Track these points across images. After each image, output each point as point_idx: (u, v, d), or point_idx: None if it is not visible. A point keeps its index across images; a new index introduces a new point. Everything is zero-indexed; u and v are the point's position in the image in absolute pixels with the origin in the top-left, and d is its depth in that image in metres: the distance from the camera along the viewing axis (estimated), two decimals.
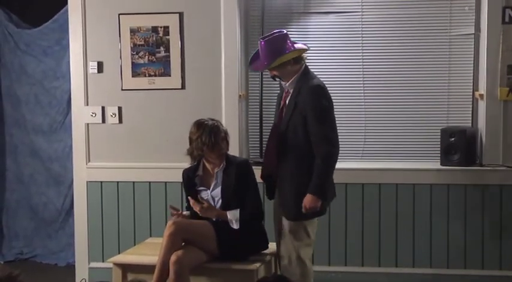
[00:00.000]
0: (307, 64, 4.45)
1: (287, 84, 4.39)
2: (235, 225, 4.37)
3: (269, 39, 4.38)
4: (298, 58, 4.38)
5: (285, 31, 4.48)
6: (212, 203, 4.48)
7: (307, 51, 4.51)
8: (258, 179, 5.43)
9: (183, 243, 4.33)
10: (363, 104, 5.59)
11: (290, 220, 4.34)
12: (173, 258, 4.21)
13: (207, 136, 4.38)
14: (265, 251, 4.56)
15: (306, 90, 4.29)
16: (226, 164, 4.48)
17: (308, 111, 4.24)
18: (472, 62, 5.44)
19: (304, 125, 4.25)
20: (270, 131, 4.52)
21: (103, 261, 5.57)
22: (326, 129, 4.23)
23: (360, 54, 5.57)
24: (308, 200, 4.21)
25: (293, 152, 4.30)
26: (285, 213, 4.36)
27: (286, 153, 4.32)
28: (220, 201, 4.46)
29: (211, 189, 4.50)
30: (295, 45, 4.42)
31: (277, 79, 4.47)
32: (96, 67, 5.67)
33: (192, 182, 4.54)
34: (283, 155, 4.33)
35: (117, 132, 5.71)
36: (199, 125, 4.46)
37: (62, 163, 6.24)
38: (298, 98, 4.30)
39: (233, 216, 4.38)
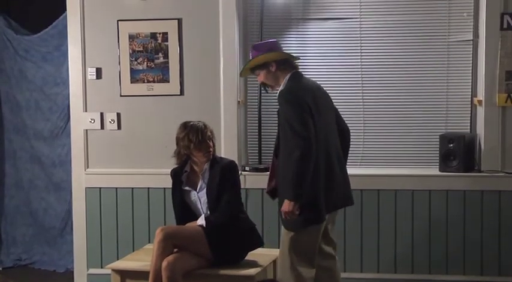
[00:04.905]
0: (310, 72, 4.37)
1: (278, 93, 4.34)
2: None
3: (256, 44, 4.47)
4: (283, 64, 4.30)
5: (276, 40, 4.50)
6: (199, 204, 4.50)
7: (303, 60, 4.47)
8: (255, 185, 5.44)
9: (176, 250, 4.34)
10: (361, 109, 5.59)
11: (285, 228, 4.27)
12: (164, 264, 4.21)
13: (193, 134, 4.43)
14: (264, 254, 4.58)
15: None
16: (212, 164, 4.49)
17: (281, 119, 4.18)
18: (471, 68, 5.45)
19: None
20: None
21: (102, 268, 5.57)
22: (295, 133, 4.06)
23: (359, 60, 5.58)
24: (284, 205, 4.12)
25: (284, 160, 4.20)
26: (281, 221, 4.30)
27: (280, 163, 4.24)
28: (206, 202, 4.48)
29: (197, 190, 4.52)
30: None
31: (268, 89, 4.45)
32: (94, 73, 5.67)
33: (179, 178, 4.55)
34: (279, 165, 4.26)
35: (115, 138, 5.71)
36: (186, 125, 4.52)
37: (65, 168, 6.22)
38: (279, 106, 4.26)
39: (201, 221, 4.42)
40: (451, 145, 5.27)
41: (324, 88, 4.35)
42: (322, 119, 4.21)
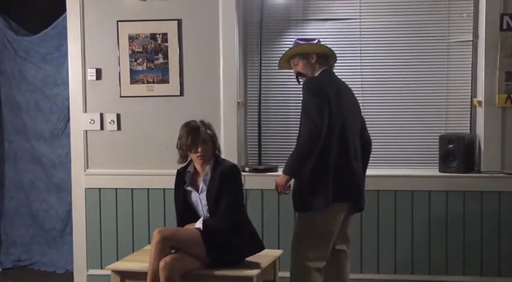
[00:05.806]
0: None
1: None
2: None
3: (300, 37, 4.65)
4: (323, 58, 4.42)
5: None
6: (200, 206, 4.49)
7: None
8: (255, 186, 5.43)
9: (173, 251, 4.33)
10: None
11: (294, 210, 4.39)
12: (161, 264, 4.21)
13: (185, 136, 4.42)
14: (264, 254, 4.57)
15: None
16: (214, 167, 4.47)
17: (302, 108, 4.28)
18: (470, 68, 5.45)
19: None
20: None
21: (101, 268, 5.57)
22: (309, 119, 4.17)
23: (358, 61, 5.58)
24: (279, 178, 4.27)
25: None
26: (293, 205, 4.40)
27: None
28: (206, 204, 4.47)
29: (199, 191, 4.50)
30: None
31: (301, 81, 4.45)
32: (94, 74, 5.68)
33: (182, 178, 4.54)
34: None
35: (115, 139, 5.71)
36: (186, 125, 4.51)
37: (65, 169, 6.22)
38: None
39: (198, 224, 4.41)
40: (451, 146, 5.28)
41: None
42: (341, 114, 4.26)
